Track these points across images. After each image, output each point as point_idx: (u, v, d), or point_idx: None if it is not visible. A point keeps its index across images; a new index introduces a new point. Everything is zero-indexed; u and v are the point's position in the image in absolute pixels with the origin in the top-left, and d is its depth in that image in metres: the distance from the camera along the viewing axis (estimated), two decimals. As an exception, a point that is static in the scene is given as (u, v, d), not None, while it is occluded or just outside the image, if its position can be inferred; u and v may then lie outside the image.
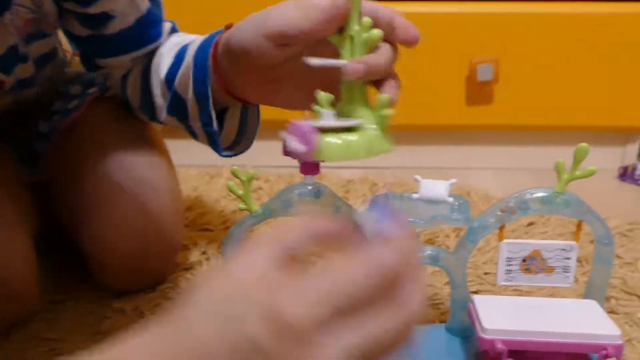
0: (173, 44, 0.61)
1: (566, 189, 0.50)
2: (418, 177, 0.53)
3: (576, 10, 1.07)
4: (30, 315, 0.65)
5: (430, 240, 0.82)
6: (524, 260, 0.53)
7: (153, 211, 0.65)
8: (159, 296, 0.69)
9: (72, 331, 0.63)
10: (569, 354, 0.50)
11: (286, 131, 0.39)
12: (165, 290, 0.70)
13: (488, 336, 0.48)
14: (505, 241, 0.52)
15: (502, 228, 0.52)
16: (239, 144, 0.61)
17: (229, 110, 0.58)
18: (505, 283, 0.53)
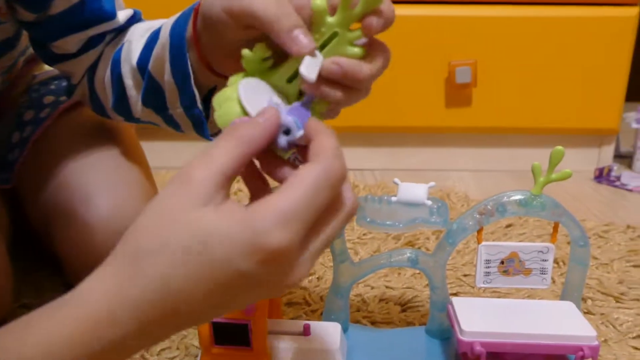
0: (143, 30, 0.59)
1: (543, 190, 0.51)
2: (397, 181, 0.53)
3: (553, 14, 1.08)
4: (1, 322, 0.64)
5: (410, 243, 0.82)
6: (502, 263, 0.53)
7: (118, 218, 0.64)
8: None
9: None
10: (547, 355, 0.50)
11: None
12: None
13: (467, 338, 0.48)
14: (483, 244, 0.52)
15: (481, 230, 0.53)
16: None
17: (214, 92, 0.55)
18: (484, 285, 0.53)
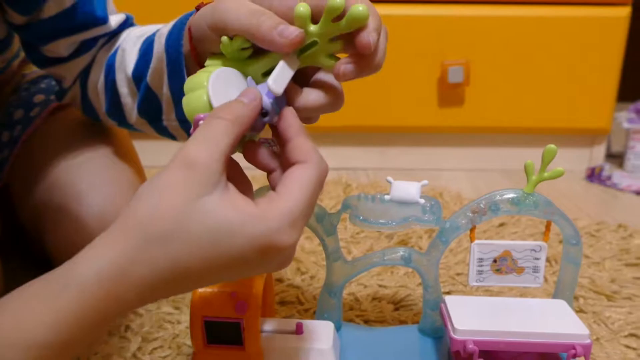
0: (136, 37, 0.59)
1: (536, 189, 0.51)
2: (390, 179, 0.53)
3: (545, 14, 1.09)
4: None
5: (403, 242, 0.82)
6: (495, 261, 0.53)
7: (110, 215, 0.64)
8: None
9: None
10: (539, 353, 0.50)
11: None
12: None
13: (459, 337, 0.48)
14: (476, 242, 0.52)
15: (473, 229, 0.53)
16: None
17: None
18: (476, 284, 0.53)
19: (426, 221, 0.51)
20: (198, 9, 0.47)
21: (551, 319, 0.50)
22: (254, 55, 0.41)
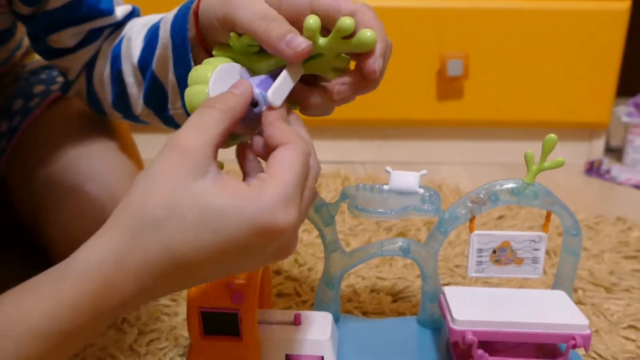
0: (141, 26, 0.58)
1: (535, 182, 0.51)
2: (389, 169, 0.53)
3: (545, 7, 1.08)
4: None
5: (401, 234, 0.82)
6: (494, 252, 0.53)
7: (110, 205, 0.63)
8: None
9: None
10: (539, 344, 0.50)
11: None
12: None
13: (458, 327, 0.48)
14: (475, 232, 0.52)
15: (473, 219, 0.52)
16: None
17: None
18: (476, 274, 0.53)
19: (425, 211, 0.51)
20: None
21: (551, 310, 0.50)
22: (262, 51, 0.41)
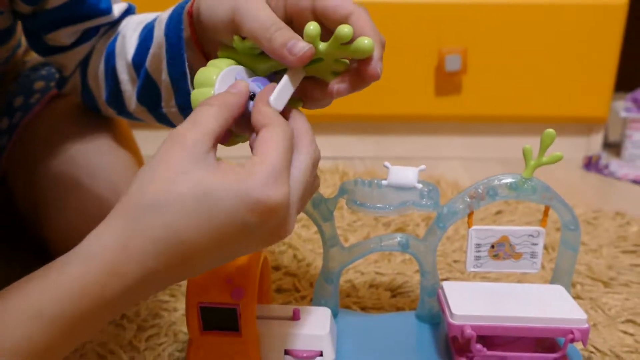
0: (136, 23, 0.59)
1: (533, 176, 0.51)
2: (387, 164, 0.53)
3: (543, 2, 1.08)
4: None
5: (400, 229, 0.82)
6: (493, 247, 0.53)
7: (112, 201, 0.64)
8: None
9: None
10: (537, 338, 0.50)
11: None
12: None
13: (457, 322, 0.48)
14: (474, 227, 0.52)
15: (471, 214, 0.52)
16: None
17: None
18: (474, 269, 0.53)
19: (424, 206, 0.51)
20: None
21: (549, 304, 0.50)
22: (264, 53, 0.41)
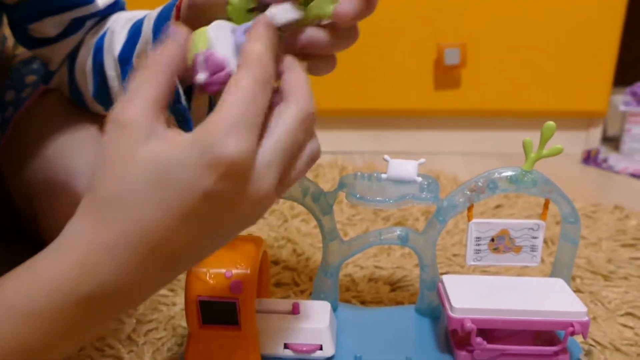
0: (125, 20, 0.58)
1: (533, 169, 0.51)
2: (387, 157, 0.52)
3: (542, -5, 1.08)
4: None
5: (399, 223, 0.82)
6: (493, 240, 0.53)
7: None
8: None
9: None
10: (537, 331, 0.50)
11: (202, 55, 0.37)
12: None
13: (457, 315, 0.48)
14: (474, 221, 0.52)
15: (471, 208, 0.52)
16: None
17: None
18: (474, 263, 0.53)
19: (423, 199, 0.51)
20: None
21: (549, 297, 0.50)
22: (256, 11, 0.40)
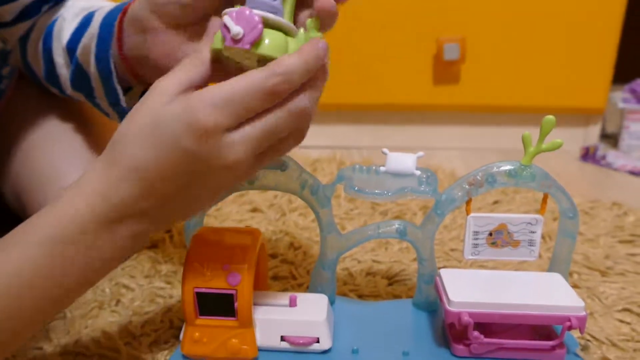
0: (80, 8, 0.57)
1: (532, 164, 0.50)
2: (386, 150, 0.52)
3: (542, -9, 1.07)
4: None
5: (397, 217, 0.81)
6: (491, 234, 0.52)
7: None
8: (119, 275, 0.67)
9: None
10: (534, 325, 0.50)
11: (229, 15, 0.37)
12: (125, 268, 0.68)
13: (455, 309, 0.48)
14: (472, 215, 0.52)
15: (469, 202, 0.52)
16: None
17: (132, 90, 0.54)
18: (472, 257, 0.53)
19: (422, 192, 0.50)
20: None
21: (546, 292, 0.50)
22: None
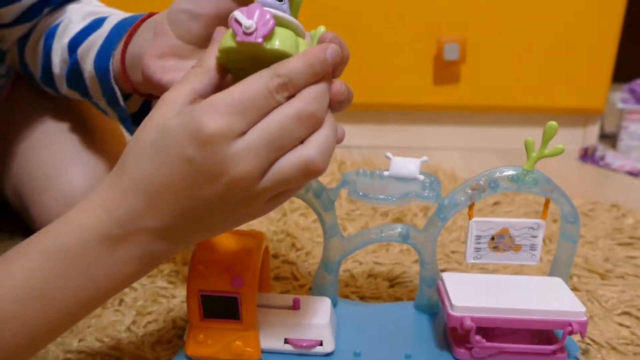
0: (87, 12, 0.58)
1: (534, 169, 0.51)
2: (389, 155, 0.52)
3: (543, -8, 1.08)
4: None
5: (398, 219, 0.82)
6: (493, 238, 0.53)
7: (89, 185, 0.63)
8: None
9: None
10: (535, 330, 0.50)
11: (239, 11, 0.37)
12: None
13: (457, 313, 0.48)
14: (475, 219, 0.52)
15: (472, 206, 0.52)
16: None
17: (132, 97, 0.55)
18: (474, 261, 0.53)
19: (426, 197, 0.51)
20: (150, 16, 0.48)
21: (548, 296, 0.50)
22: None
